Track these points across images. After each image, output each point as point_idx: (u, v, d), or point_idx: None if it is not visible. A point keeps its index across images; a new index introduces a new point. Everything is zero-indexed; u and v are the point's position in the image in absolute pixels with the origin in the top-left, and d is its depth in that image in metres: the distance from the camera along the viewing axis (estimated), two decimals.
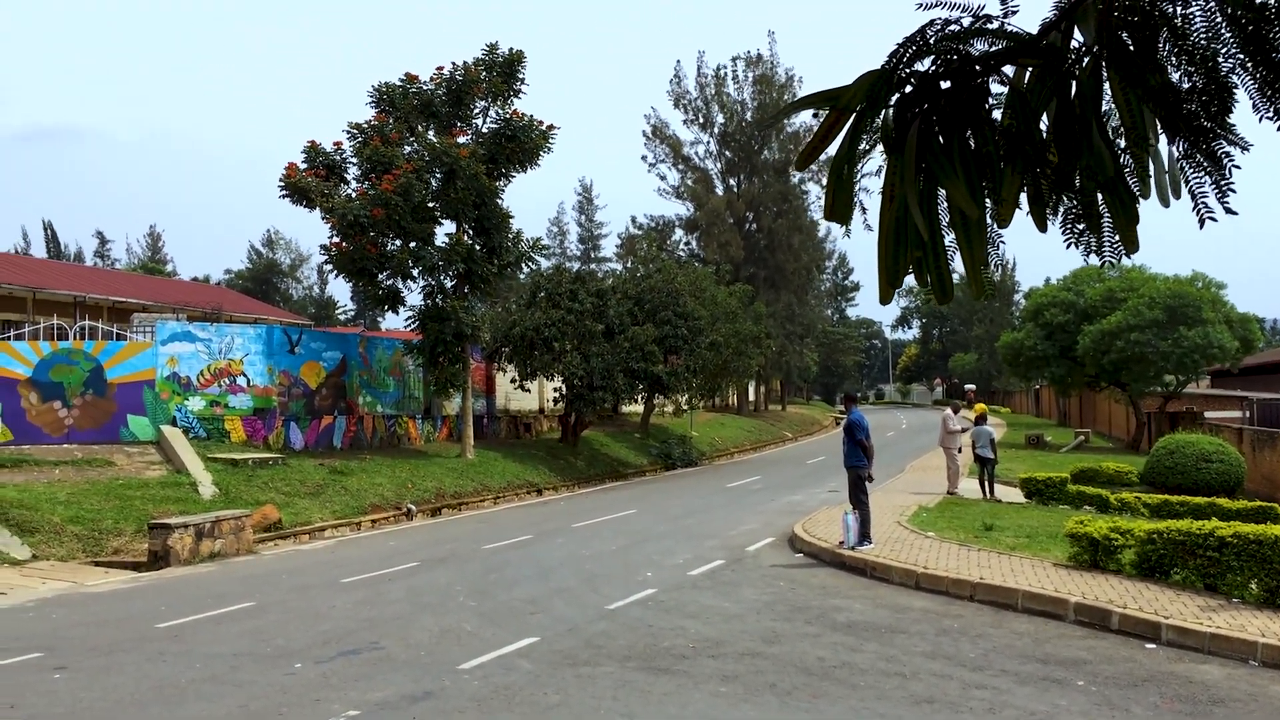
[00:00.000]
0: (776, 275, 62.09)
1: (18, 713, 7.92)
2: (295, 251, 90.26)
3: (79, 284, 42.05)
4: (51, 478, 20.03)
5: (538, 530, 19.77)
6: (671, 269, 40.76)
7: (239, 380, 24.78)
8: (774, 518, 20.66)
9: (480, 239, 28.44)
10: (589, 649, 9.64)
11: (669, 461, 38.09)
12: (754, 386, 65.53)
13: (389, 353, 30.10)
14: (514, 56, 28.76)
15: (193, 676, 8.88)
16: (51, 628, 11.34)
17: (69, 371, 23.16)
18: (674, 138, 62.30)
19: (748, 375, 51.95)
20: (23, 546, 16.18)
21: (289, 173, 26.64)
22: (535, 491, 28.45)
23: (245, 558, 17.10)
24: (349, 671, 8.97)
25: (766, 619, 11.00)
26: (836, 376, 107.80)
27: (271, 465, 22.64)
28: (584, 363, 31.64)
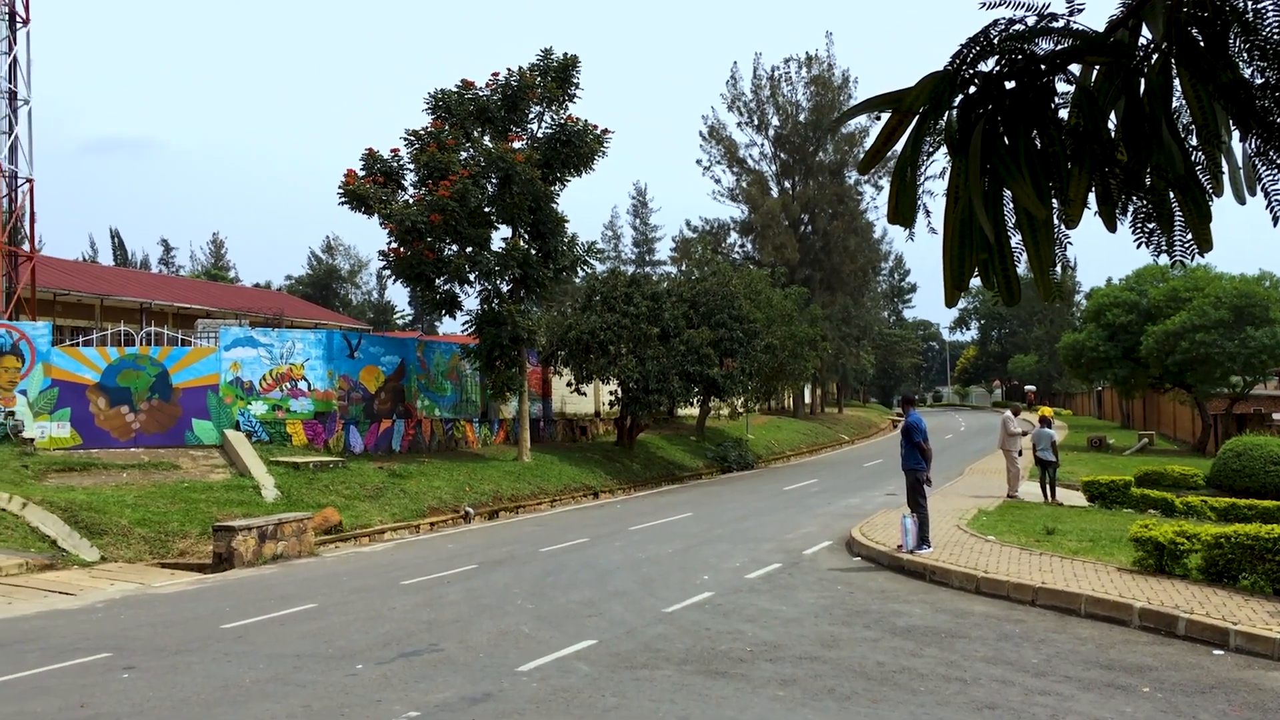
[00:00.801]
0: (832, 277, 61.75)
1: (87, 711, 8.08)
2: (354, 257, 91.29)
3: (145, 291, 42.91)
4: (119, 481, 20.45)
5: (594, 533, 19.81)
6: (727, 272, 40.69)
7: (300, 385, 25.12)
8: (831, 521, 20.53)
9: (536, 243, 28.59)
10: (646, 652, 9.64)
11: (725, 464, 37.99)
12: (810, 389, 65.22)
13: (446, 357, 30.36)
14: (568, 61, 28.90)
15: (256, 677, 9.01)
16: (120, 628, 11.56)
17: (136, 377, 23.62)
18: (729, 140, 62.23)
19: (804, 378, 51.70)
20: (92, 548, 16.53)
21: (348, 180, 26.98)
22: (591, 494, 28.53)
23: (307, 560, 17.32)
24: (409, 673, 9.05)
25: (824, 623, 10.93)
26: (893, 379, 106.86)
27: (332, 468, 22.92)
28: (639, 366, 31.67)
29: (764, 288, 43.34)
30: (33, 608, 12.84)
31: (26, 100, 28.51)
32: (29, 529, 16.72)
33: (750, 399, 42.52)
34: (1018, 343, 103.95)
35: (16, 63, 28.14)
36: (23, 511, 17.24)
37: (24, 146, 28.54)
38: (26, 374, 23.00)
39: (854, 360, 68.94)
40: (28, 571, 14.82)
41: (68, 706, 8.18)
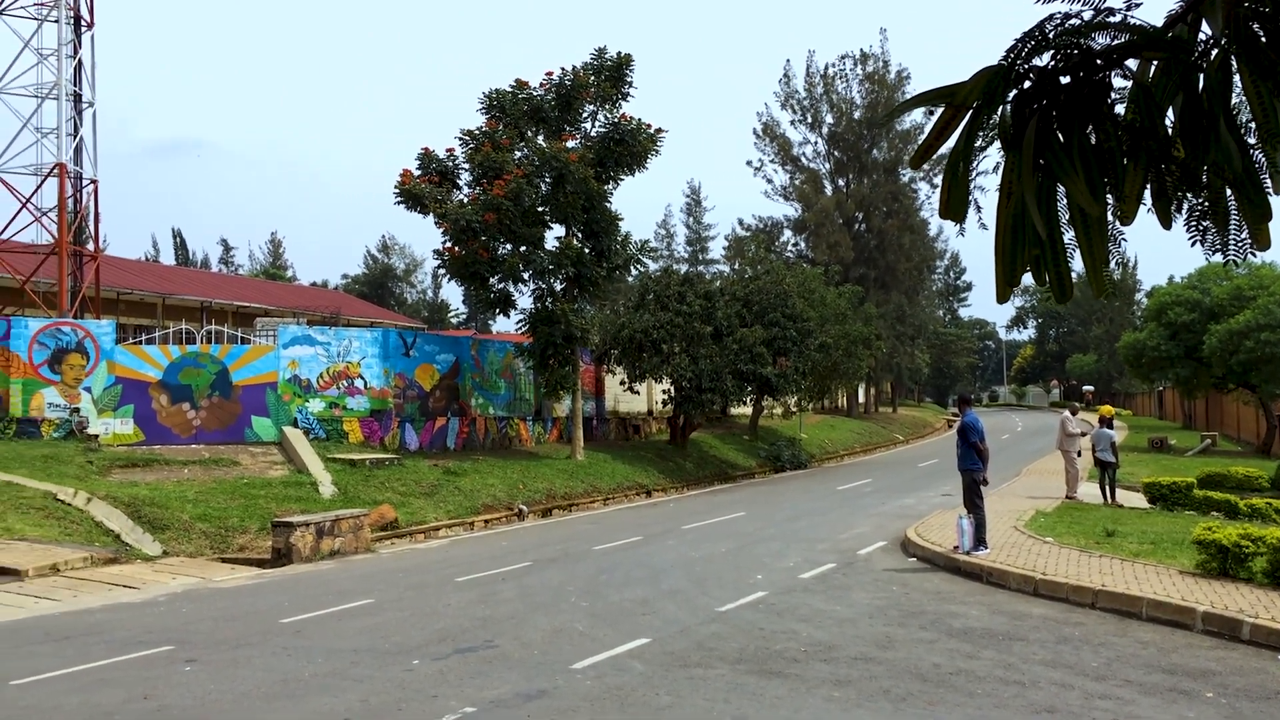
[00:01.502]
0: (887, 276, 61.28)
1: (151, 703, 8.25)
2: (409, 256, 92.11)
3: (205, 290, 43.67)
4: (180, 477, 20.84)
5: (647, 532, 19.85)
6: (780, 270, 40.54)
7: (357, 383, 25.43)
8: (886, 521, 20.40)
9: (589, 242, 28.69)
10: (700, 651, 9.65)
11: (778, 464, 37.86)
12: (864, 388, 64.77)
13: (500, 355, 30.56)
14: (622, 60, 28.95)
15: (315, 671, 9.15)
16: (181, 622, 11.79)
17: (197, 374, 24.05)
18: (783, 138, 61.95)
19: (858, 377, 51.33)
20: (154, 543, 16.87)
21: (404, 179, 27.25)
22: (644, 493, 28.57)
23: (363, 556, 17.53)
24: (464, 669, 9.14)
25: (880, 624, 10.87)
26: (949, 378, 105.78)
27: (388, 465, 23.17)
28: (692, 365, 31.66)
29: (818, 286, 43.12)
30: (98, 600, 13.13)
31: (91, 103, 29.15)
32: (94, 523, 17.10)
33: (804, 398, 42.30)
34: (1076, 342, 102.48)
35: (81, 66, 28.79)
36: (88, 506, 17.62)
37: (88, 148, 29.21)
38: (91, 371, 23.50)
39: (908, 359, 68.36)
40: (93, 565, 15.15)
41: (132, 699, 8.35)
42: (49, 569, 14.48)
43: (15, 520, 16.58)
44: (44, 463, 20.19)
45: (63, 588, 13.76)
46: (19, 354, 23.18)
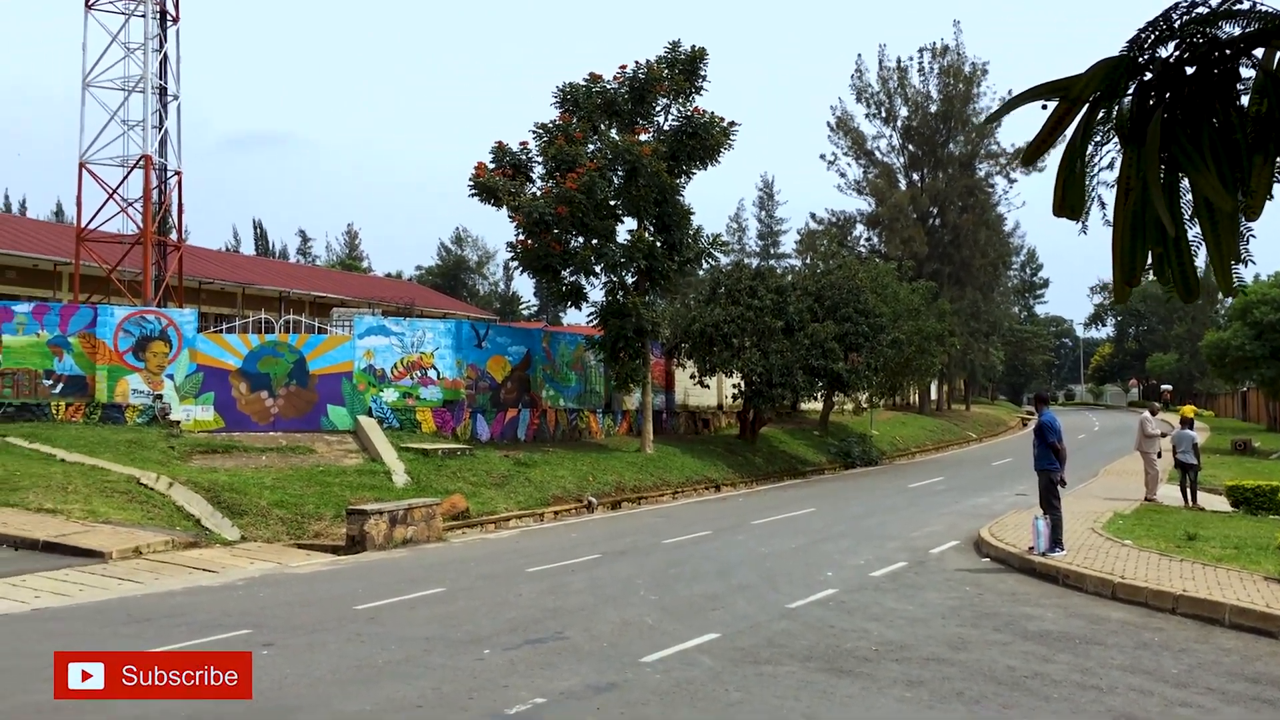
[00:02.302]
0: (961, 271, 60.46)
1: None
2: (482, 249, 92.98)
3: (283, 280, 44.44)
4: (258, 463, 21.24)
5: (716, 526, 19.81)
6: (853, 265, 40.17)
7: (430, 373, 25.71)
8: (958, 520, 20.12)
9: (661, 235, 28.65)
10: (770, 647, 9.60)
11: (848, 460, 37.55)
12: (936, 385, 64.01)
13: (571, 348, 30.69)
14: (696, 54, 28.85)
15: (389, 658, 9.26)
16: (259, 606, 12.01)
17: (275, 363, 24.48)
18: (857, 132, 61.37)
19: (930, 374, 50.79)
20: (233, 528, 17.21)
21: (478, 172, 27.44)
22: (713, 487, 28.51)
23: (435, 545, 17.72)
24: (535, 659, 9.19)
25: (953, 624, 10.72)
26: (1023, 376, 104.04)
27: (459, 456, 23.39)
28: (763, 359, 31.50)
29: (891, 282, 42.66)
30: (179, 583, 13.43)
31: (176, 96, 29.78)
32: (175, 508, 17.49)
33: (875, 394, 41.91)
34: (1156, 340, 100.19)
35: (166, 59, 29.40)
36: (169, 491, 18.04)
37: (173, 140, 29.85)
38: (174, 359, 24.04)
39: (983, 356, 67.37)
40: (174, 549, 15.50)
41: None
42: (132, 551, 14.84)
43: (100, 504, 17.02)
44: (128, 448, 20.70)
45: (145, 570, 14.10)
46: (105, 341, 23.78)
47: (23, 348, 23.49)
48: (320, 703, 7.90)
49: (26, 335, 23.54)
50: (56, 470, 18.67)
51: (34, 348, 23.55)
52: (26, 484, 17.57)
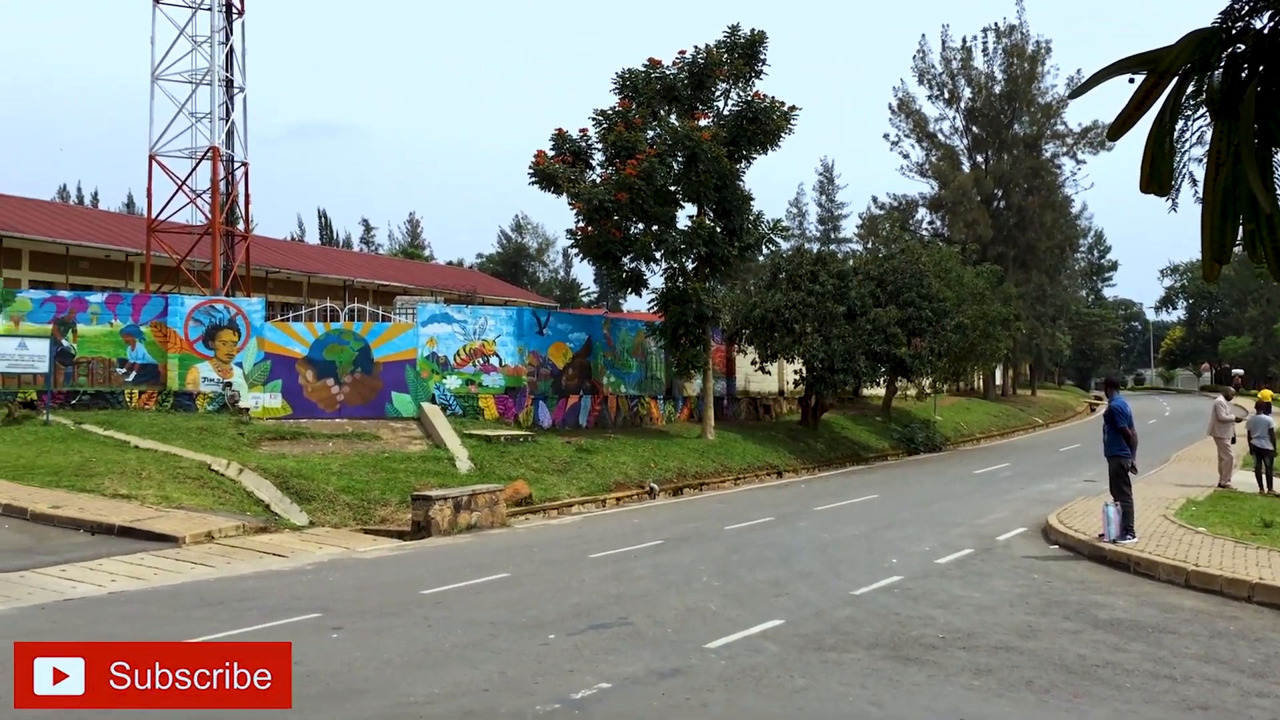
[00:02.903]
0: (1027, 254, 59.52)
1: (302, 668, 8.51)
2: (542, 236, 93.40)
3: (347, 269, 45.00)
4: (325, 450, 21.55)
5: (779, 512, 19.74)
6: (915, 249, 39.70)
7: (492, 360, 25.90)
8: (1025, 507, 19.86)
9: (721, 221, 28.55)
10: (835, 634, 9.55)
11: (911, 446, 37.20)
12: (1001, 370, 63.16)
13: (632, 334, 30.73)
14: (755, 38, 28.65)
15: (455, 642, 9.36)
16: (328, 590, 12.20)
17: (340, 351, 24.81)
18: (919, 114, 60.59)
19: (995, 359, 50.11)
20: (301, 513, 17.49)
21: (538, 160, 27.51)
22: (775, 473, 28.42)
23: (499, 530, 17.87)
24: (599, 644, 9.23)
25: (1021, 612, 10.59)
26: (1091, 360, 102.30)
27: (522, 442, 23.54)
28: (825, 345, 31.29)
29: (954, 265, 42.12)
30: (250, 568, 13.68)
31: (242, 88, 30.23)
32: (245, 493, 17.82)
33: (939, 379, 41.45)
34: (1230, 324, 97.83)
35: (233, 52, 29.84)
36: (239, 477, 18.38)
37: (239, 132, 30.32)
38: (242, 347, 24.46)
39: (1049, 341, 66.37)
40: (244, 534, 15.79)
41: None
42: (204, 536, 15.15)
43: (173, 489, 17.39)
44: (199, 434, 21.12)
45: (217, 555, 14.38)
46: (176, 330, 24.26)
47: (97, 337, 24.04)
48: (389, 686, 8.01)
49: (100, 325, 24.09)
50: (131, 457, 19.09)
51: (108, 337, 24.09)
52: (102, 470, 18.00)
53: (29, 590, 11.87)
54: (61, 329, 23.78)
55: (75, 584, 12.27)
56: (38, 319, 23.79)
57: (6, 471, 17.82)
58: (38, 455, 18.89)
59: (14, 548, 14.05)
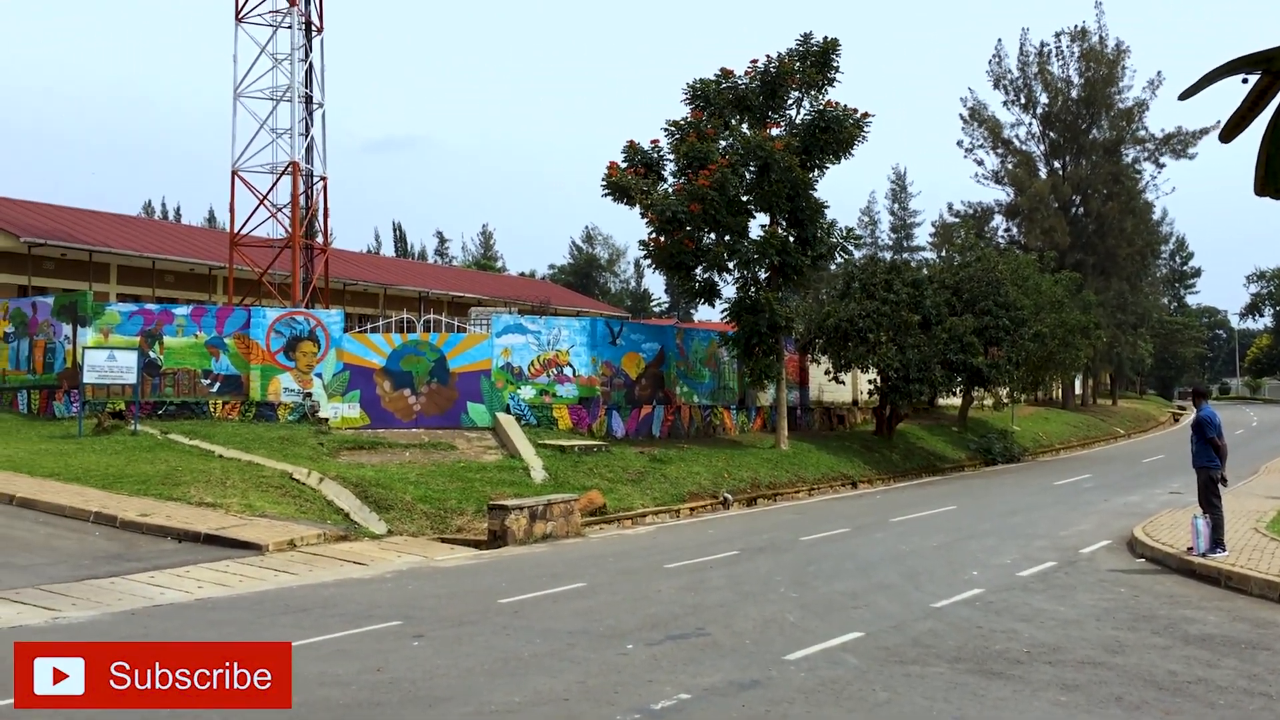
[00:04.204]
0: (1106, 261, 58.37)
1: (384, 675, 8.65)
2: (612, 247, 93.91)
3: (422, 280, 45.57)
4: (402, 459, 21.83)
5: (854, 523, 19.56)
6: (991, 257, 39.16)
7: (565, 370, 26.03)
8: (1109, 519, 19.44)
9: (794, 230, 28.43)
10: (916, 647, 9.43)
11: (989, 457, 36.66)
12: (1081, 380, 62.01)
13: (704, 344, 30.69)
14: (828, 45, 28.53)
15: (534, 651, 9.41)
16: (407, 598, 12.35)
17: (417, 361, 25.12)
18: (993, 120, 59.78)
19: (1074, 368, 49.23)
20: (380, 522, 17.73)
21: (610, 172, 27.63)
22: (849, 484, 28.17)
23: (574, 540, 17.93)
24: (677, 655, 9.21)
25: (1107, 627, 10.36)
26: (1174, 369, 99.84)
27: (595, 452, 23.63)
28: (900, 354, 30.97)
29: (1031, 273, 41.45)
30: (331, 575, 13.90)
31: (321, 103, 30.80)
32: (325, 502, 18.11)
33: (1016, 389, 40.81)
34: None
35: (312, 69, 30.43)
36: (320, 486, 18.68)
37: (318, 147, 30.88)
38: (322, 358, 24.88)
39: (1130, 349, 65.02)
40: (325, 541, 16.05)
41: (365, 670, 8.79)
42: (287, 544, 15.42)
43: (256, 498, 17.73)
44: (280, 444, 21.51)
45: (299, 562, 14.63)
46: (258, 341, 24.76)
47: (183, 349, 24.62)
48: (470, 694, 8.07)
49: (186, 337, 24.67)
50: (215, 466, 19.52)
51: (193, 348, 24.66)
52: (188, 479, 18.42)
53: (119, 596, 12.18)
54: (149, 341, 24.40)
55: (164, 590, 12.56)
56: (126, 331, 24.44)
57: (97, 480, 18.32)
58: (126, 464, 19.39)
59: (105, 554, 14.44)
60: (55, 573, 13.31)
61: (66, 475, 18.56)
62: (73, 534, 15.46)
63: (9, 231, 29.48)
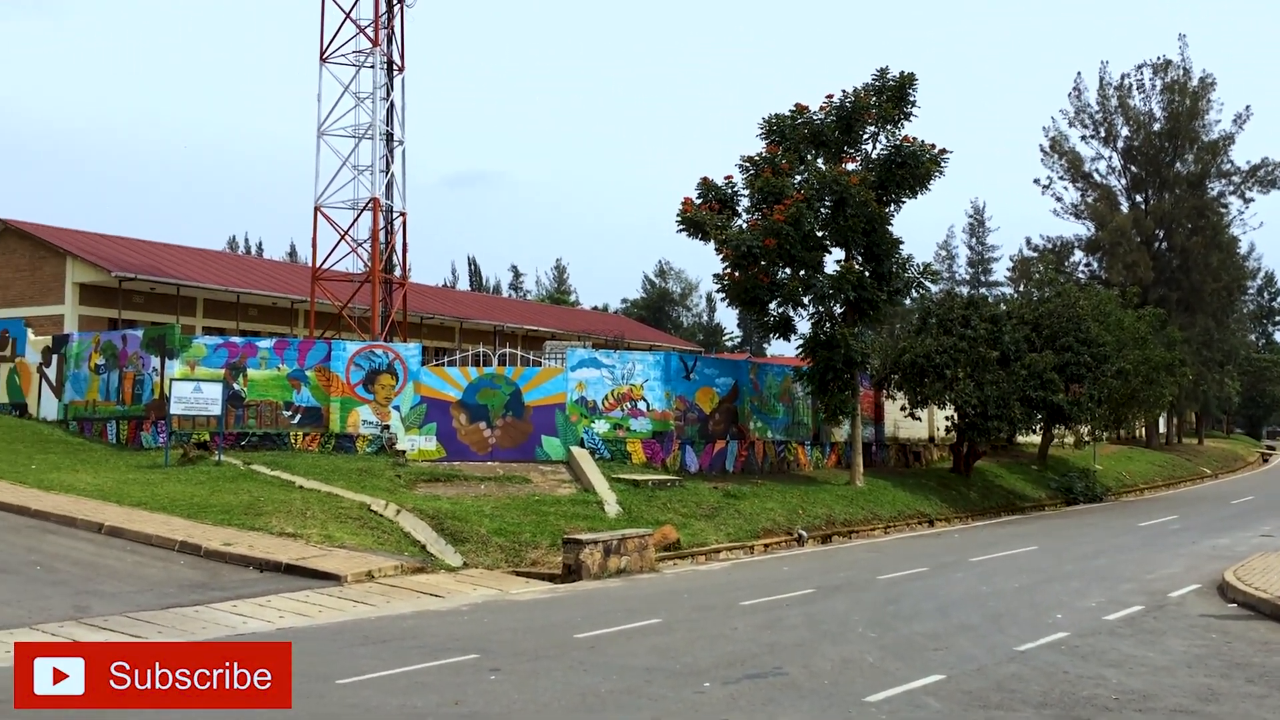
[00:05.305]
0: (1191, 297, 57.12)
1: (461, 709, 8.69)
2: (684, 281, 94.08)
3: (497, 314, 46.07)
4: (478, 492, 21.98)
5: (933, 562, 19.25)
6: (1072, 292, 38.49)
7: (639, 404, 26.06)
8: (1198, 562, 18.88)
9: (869, 265, 28.24)
10: (1000, 692, 9.22)
11: (1070, 496, 35.90)
12: (1166, 418, 60.57)
13: (778, 379, 30.54)
14: (904, 79, 28.39)
15: (610, 687, 9.37)
16: (484, 631, 12.40)
17: (492, 395, 25.34)
18: (1073, 153, 59.02)
19: (1159, 406, 48.09)
20: (456, 554, 17.85)
21: (685, 208, 27.71)
22: (926, 522, 27.76)
23: (648, 575, 17.88)
24: (755, 694, 9.12)
25: (1200, 674, 10.04)
26: (1262, 408, 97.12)
27: (669, 487, 23.57)
28: (978, 391, 30.52)
29: (1113, 309, 40.67)
30: (408, 607, 14.01)
31: (401, 141, 31.41)
32: (402, 534, 18.28)
33: (1098, 427, 39.97)
34: None
35: (393, 107, 31.08)
36: (397, 518, 18.88)
37: (398, 183, 31.48)
38: (400, 391, 25.21)
39: (1216, 387, 63.45)
40: (403, 573, 16.20)
41: (444, 703, 8.83)
42: (365, 575, 15.59)
43: (335, 529, 17.97)
44: (359, 476, 21.80)
45: (377, 594, 14.78)
46: (338, 374, 25.17)
47: (265, 381, 25.12)
48: None
49: (269, 369, 25.17)
50: (296, 497, 19.83)
51: (275, 381, 25.15)
52: (270, 509, 18.74)
53: (203, 625, 12.40)
54: (233, 373, 24.93)
55: (246, 619, 12.77)
56: (211, 364, 25.01)
57: (182, 510, 18.72)
58: (210, 494, 19.79)
59: (190, 583, 14.72)
60: (142, 600, 13.61)
61: (153, 505, 18.99)
62: (159, 562, 15.79)
63: (101, 266, 30.42)
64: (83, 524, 17.60)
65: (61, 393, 27.76)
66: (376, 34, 30.42)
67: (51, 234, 32.65)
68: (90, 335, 27.82)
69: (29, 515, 18.24)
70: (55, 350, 28.10)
